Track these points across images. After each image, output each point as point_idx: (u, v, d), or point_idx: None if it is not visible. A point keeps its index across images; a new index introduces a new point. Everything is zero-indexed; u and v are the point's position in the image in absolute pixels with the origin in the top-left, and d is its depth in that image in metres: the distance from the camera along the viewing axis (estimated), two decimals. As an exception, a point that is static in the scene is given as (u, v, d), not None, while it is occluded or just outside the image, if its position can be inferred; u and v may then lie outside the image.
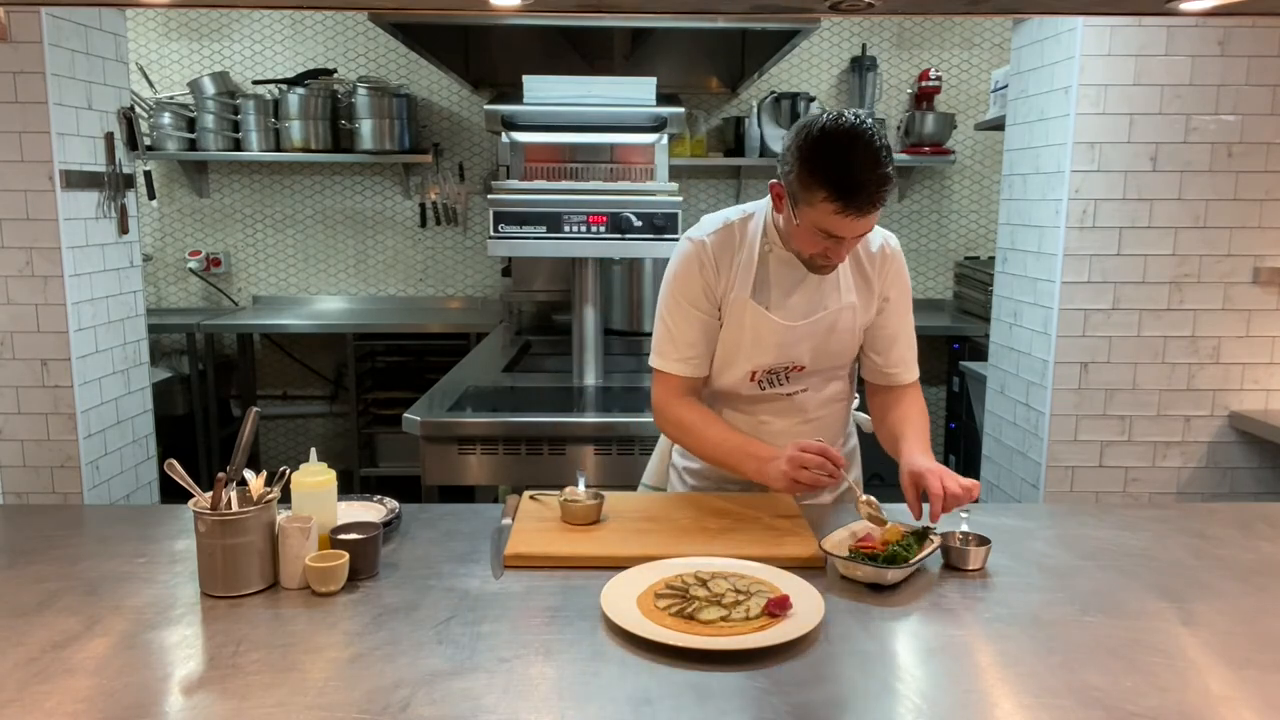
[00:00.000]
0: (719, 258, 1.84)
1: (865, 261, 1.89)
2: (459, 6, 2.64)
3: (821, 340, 1.87)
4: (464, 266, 5.31)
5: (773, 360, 1.87)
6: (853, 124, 1.62)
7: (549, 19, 3.36)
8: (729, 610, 1.35)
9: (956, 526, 1.63)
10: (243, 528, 1.44)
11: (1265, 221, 3.02)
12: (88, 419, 3.15)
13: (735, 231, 1.86)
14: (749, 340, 1.85)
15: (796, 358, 1.87)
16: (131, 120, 3.34)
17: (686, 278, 1.85)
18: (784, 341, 1.85)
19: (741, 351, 1.87)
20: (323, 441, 5.31)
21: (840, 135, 1.62)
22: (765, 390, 1.91)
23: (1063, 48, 3.03)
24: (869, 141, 1.61)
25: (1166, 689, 1.20)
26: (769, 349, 1.85)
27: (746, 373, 1.88)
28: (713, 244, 1.85)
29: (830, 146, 1.62)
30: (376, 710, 1.12)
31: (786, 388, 1.92)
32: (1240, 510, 1.97)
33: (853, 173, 1.60)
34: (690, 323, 1.86)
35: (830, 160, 1.61)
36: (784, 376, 1.90)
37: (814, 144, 1.63)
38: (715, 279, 1.85)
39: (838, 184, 1.61)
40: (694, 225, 1.91)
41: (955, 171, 5.23)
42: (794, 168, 1.66)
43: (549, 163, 3.15)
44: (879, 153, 1.61)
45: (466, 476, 2.68)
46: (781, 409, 1.94)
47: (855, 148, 1.61)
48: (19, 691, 1.17)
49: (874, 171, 1.60)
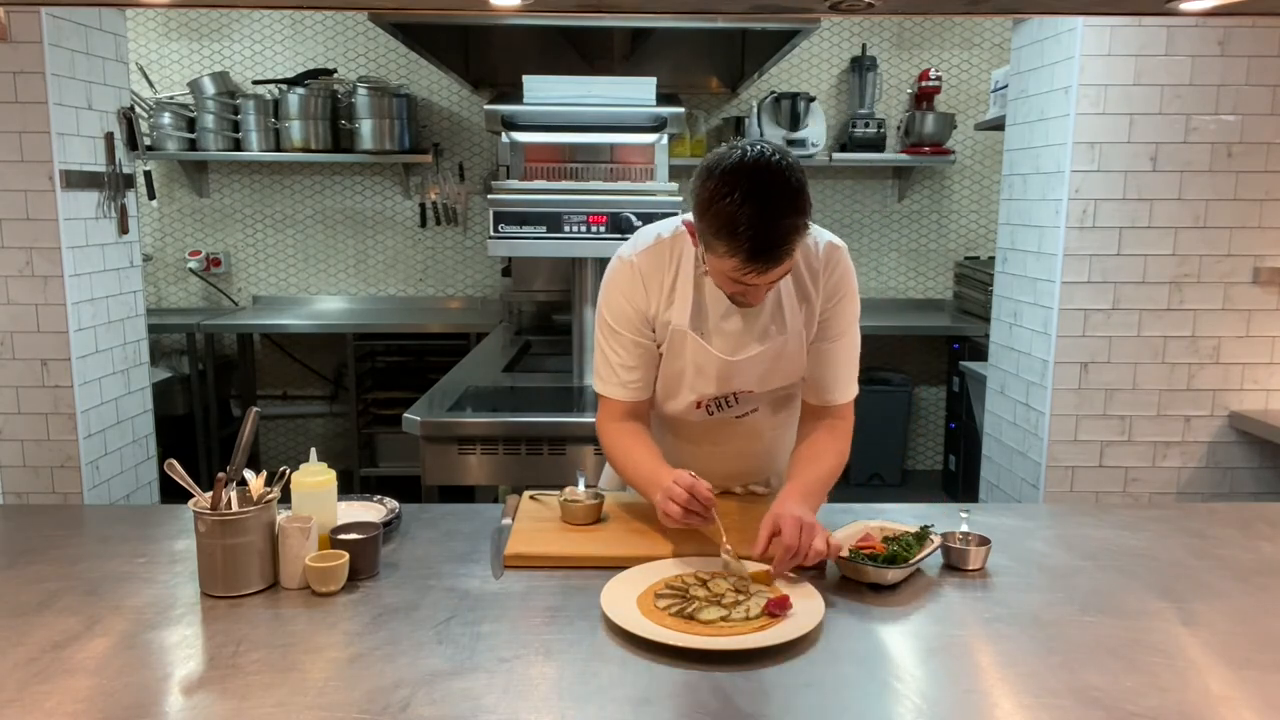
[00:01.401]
0: (648, 278, 1.70)
1: (806, 278, 1.71)
2: (459, 6, 2.64)
3: (768, 368, 1.75)
4: (464, 266, 5.31)
5: (716, 390, 1.76)
6: (756, 164, 1.46)
7: (549, 19, 3.36)
8: (729, 610, 1.35)
9: (956, 526, 1.62)
10: (243, 528, 1.44)
11: (1265, 221, 3.02)
12: (88, 419, 3.15)
13: (665, 249, 1.71)
14: (690, 371, 1.75)
15: (741, 385, 1.76)
16: (131, 120, 3.34)
17: (616, 298, 1.73)
18: (725, 373, 1.73)
19: (684, 381, 1.77)
20: (323, 441, 5.31)
21: (745, 181, 1.45)
22: (713, 415, 1.81)
23: (1063, 48, 3.03)
24: (779, 186, 1.45)
25: (1166, 689, 1.20)
26: (711, 380, 1.75)
27: (691, 401, 1.79)
28: (641, 263, 1.71)
29: (729, 195, 1.45)
30: (376, 710, 1.12)
31: (735, 410, 1.81)
32: (1240, 510, 1.97)
33: (755, 227, 1.44)
34: (624, 347, 1.74)
35: (734, 214, 1.44)
36: (731, 399, 1.79)
37: (713, 193, 1.47)
38: (645, 301, 1.71)
39: (741, 239, 1.45)
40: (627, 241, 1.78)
41: (955, 171, 5.23)
42: (696, 215, 1.53)
43: (549, 163, 3.15)
44: (789, 197, 1.46)
45: (466, 476, 2.68)
46: (733, 432, 1.85)
47: (758, 196, 1.44)
48: (19, 691, 1.17)
49: (778, 223, 1.45)
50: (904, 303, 5.34)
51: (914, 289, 5.36)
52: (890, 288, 5.35)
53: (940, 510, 1.85)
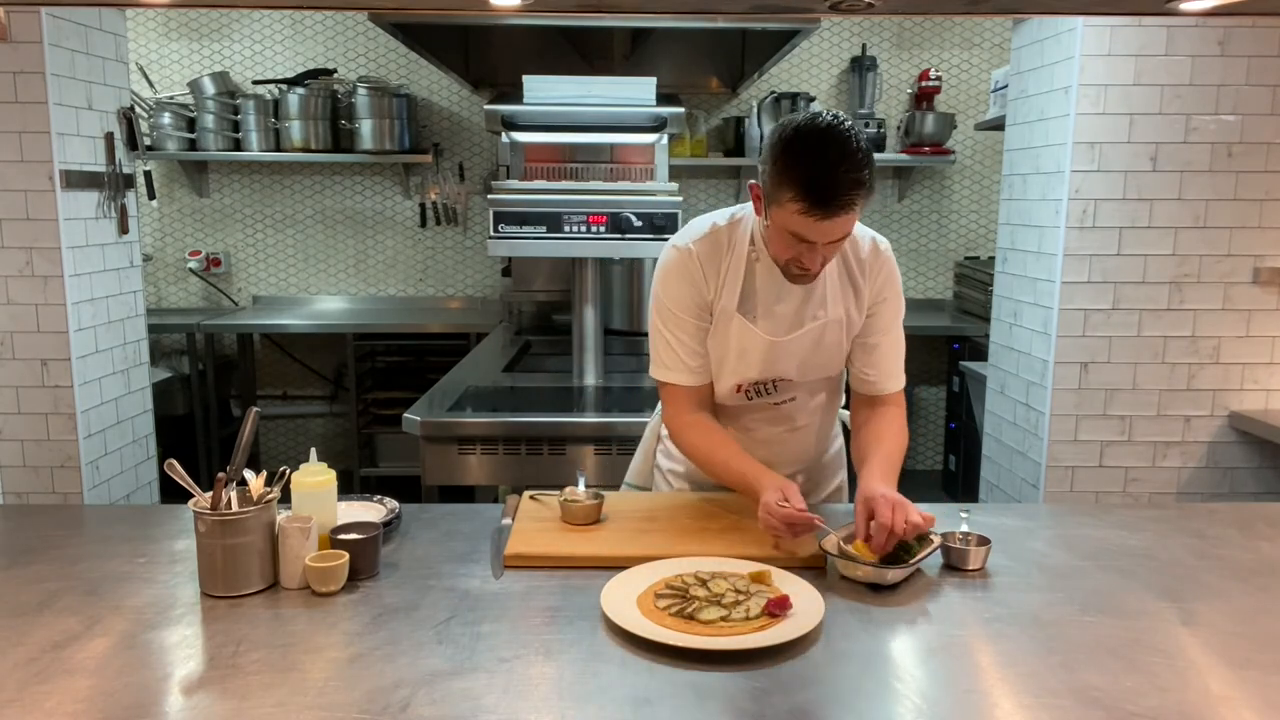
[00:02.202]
0: (706, 265, 1.79)
1: (855, 267, 1.82)
2: (459, 6, 2.64)
3: (808, 354, 1.82)
4: (464, 266, 5.31)
5: (758, 374, 1.83)
6: (829, 124, 1.57)
7: (549, 19, 3.36)
8: (729, 610, 1.35)
9: (957, 526, 1.62)
10: (243, 528, 1.44)
11: (1265, 221, 3.02)
12: (88, 419, 3.15)
13: (722, 237, 1.80)
14: (734, 354, 1.81)
15: (782, 372, 1.83)
16: (131, 120, 3.34)
17: (677, 285, 1.80)
18: (769, 356, 1.80)
19: (727, 365, 1.83)
20: (323, 441, 5.31)
21: (813, 134, 1.56)
22: (752, 400, 1.87)
23: (1063, 48, 3.03)
24: (843, 142, 1.55)
25: (1166, 689, 1.20)
26: (754, 363, 1.81)
27: (732, 385, 1.84)
28: (700, 251, 1.79)
29: (802, 145, 1.57)
30: (376, 710, 1.12)
31: (774, 397, 1.87)
32: (1240, 510, 1.97)
33: (821, 173, 1.54)
34: (687, 332, 1.81)
35: (800, 159, 1.56)
36: (771, 387, 1.85)
37: (786, 143, 1.58)
38: (705, 286, 1.79)
39: (805, 184, 1.55)
40: (679, 231, 1.86)
41: (955, 171, 5.23)
42: (768, 167, 1.62)
43: (549, 163, 3.15)
44: (853, 154, 1.55)
45: (466, 476, 2.68)
46: (769, 417, 1.90)
47: (827, 147, 1.55)
48: (19, 691, 1.17)
49: (844, 173, 1.54)
50: (904, 302, 5.33)
51: (914, 289, 5.36)
52: (890, 288, 5.34)
53: (940, 510, 1.84)
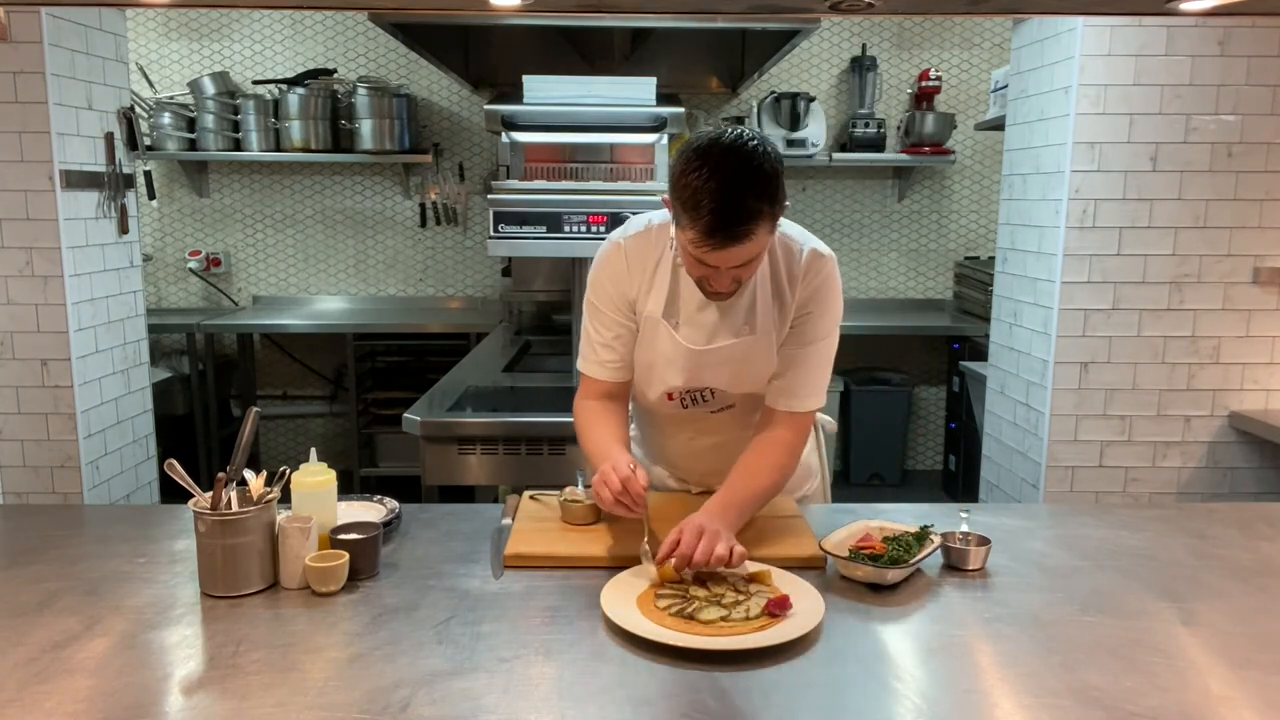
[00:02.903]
0: (633, 262, 1.73)
1: (784, 280, 1.71)
2: (459, 6, 2.64)
3: (736, 367, 1.75)
4: (464, 266, 5.31)
5: (684, 383, 1.77)
6: (729, 145, 1.48)
7: (549, 19, 3.36)
8: (729, 610, 1.35)
9: (957, 527, 1.62)
10: (243, 528, 1.44)
11: (1265, 221, 3.02)
12: (88, 419, 3.15)
13: (653, 236, 1.74)
14: (661, 361, 1.76)
15: (710, 382, 1.76)
16: (131, 120, 3.34)
17: (601, 281, 1.76)
18: (693, 365, 1.74)
19: (655, 371, 1.78)
20: (323, 441, 5.31)
21: (711, 157, 1.47)
22: (687, 409, 1.82)
23: (1063, 48, 3.03)
24: (742, 165, 1.46)
25: (1166, 689, 1.20)
26: (679, 372, 1.75)
27: (662, 393, 1.80)
28: (630, 247, 1.74)
29: (698, 169, 1.47)
30: (376, 710, 1.12)
31: (709, 406, 1.81)
32: (1240, 510, 1.97)
33: (717, 201, 1.45)
34: (605, 326, 1.77)
35: (695, 185, 1.47)
36: (702, 396, 1.79)
37: (685, 165, 1.49)
38: (629, 283, 1.74)
39: (699, 211, 1.47)
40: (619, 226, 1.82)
41: (955, 171, 5.22)
42: (669, 188, 1.55)
43: (549, 163, 3.14)
44: (752, 178, 1.46)
45: (466, 476, 2.68)
46: (708, 427, 1.85)
47: (724, 172, 1.46)
48: (19, 691, 1.17)
49: (740, 201, 1.45)
50: (904, 303, 5.34)
51: (914, 289, 5.36)
52: (890, 288, 5.35)
53: (940, 510, 1.85)
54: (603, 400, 1.81)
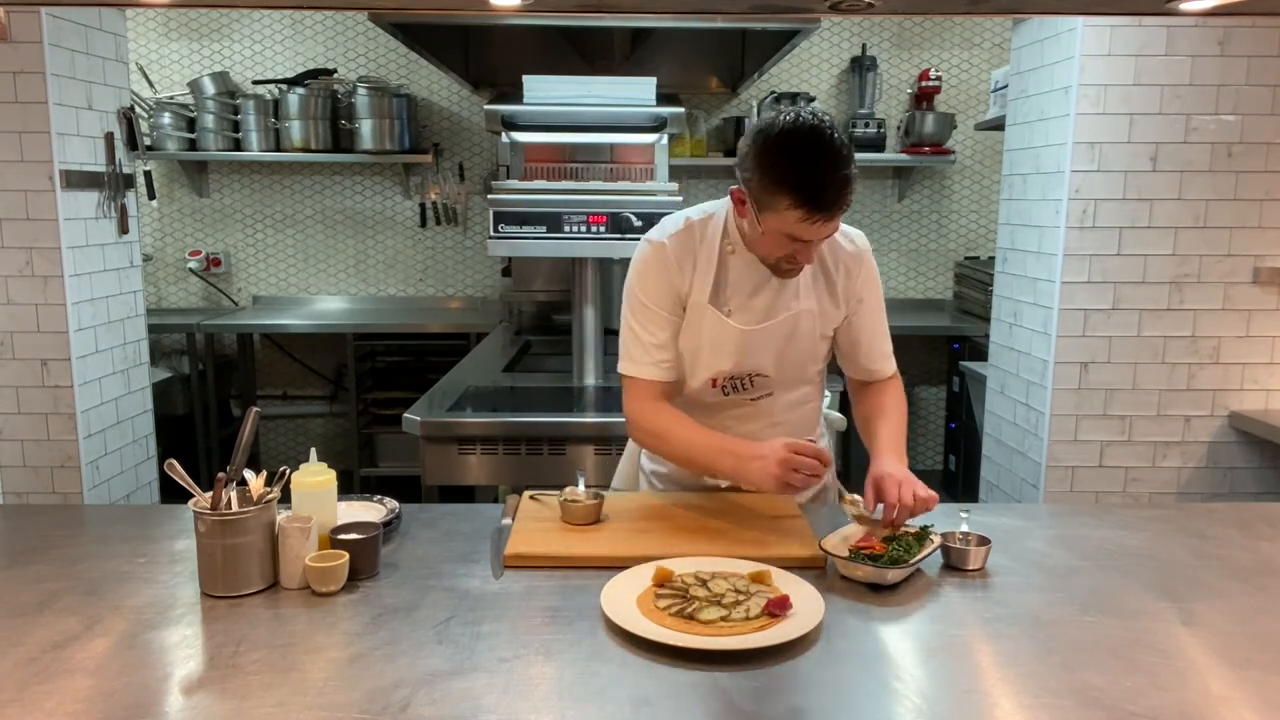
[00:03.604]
0: (680, 258, 1.80)
1: (830, 263, 1.83)
2: (459, 6, 2.64)
3: (782, 346, 1.82)
4: (464, 266, 5.31)
5: (732, 367, 1.82)
6: (812, 124, 1.57)
7: (549, 19, 3.36)
8: (729, 610, 1.35)
9: (957, 527, 1.62)
10: (243, 528, 1.44)
11: (1265, 221, 3.02)
12: (88, 419, 3.15)
13: (695, 231, 1.81)
14: (707, 346, 1.81)
15: (757, 365, 1.83)
16: (131, 120, 3.34)
17: (650, 279, 1.81)
18: (742, 347, 1.80)
19: (701, 358, 1.82)
20: (323, 441, 5.31)
21: (800, 137, 1.57)
22: (729, 396, 1.87)
23: (1063, 48, 3.03)
24: (829, 142, 1.56)
25: (1166, 689, 1.20)
26: (727, 355, 1.81)
27: (707, 379, 1.84)
28: (673, 245, 1.80)
29: (791, 149, 1.57)
30: (376, 710, 1.12)
31: (750, 393, 1.87)
32: (1240, 510, 1.97)
33: (816, 176, 1.55)
34: (659, 325, 1.81)
35: (792, 164, 1.57)
36: (747, 382, 1.85)
37: (774, 148, 1.59)
38: (679, 279, 1.80)
39: (802, 188, 1.56)
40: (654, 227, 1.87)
41: (955, 171, 5.23)
42: (755, 174, 1.62)
43: (549, 163, 3.15)
44: (839, 151, 1.56)
45: (466, 476, 2.68)
46: (746, 414, 1.90)
47: (816, 149, 1.56)
48: (19, 691, 1.17)
49: (837, 172, 1.55)
50: (904, 303, 5.34)
51: (914, 289, 5.36)
52: (890, 288, 5.35)
53: (940, 510, 1.84)
54: (661, 401, 1.85)
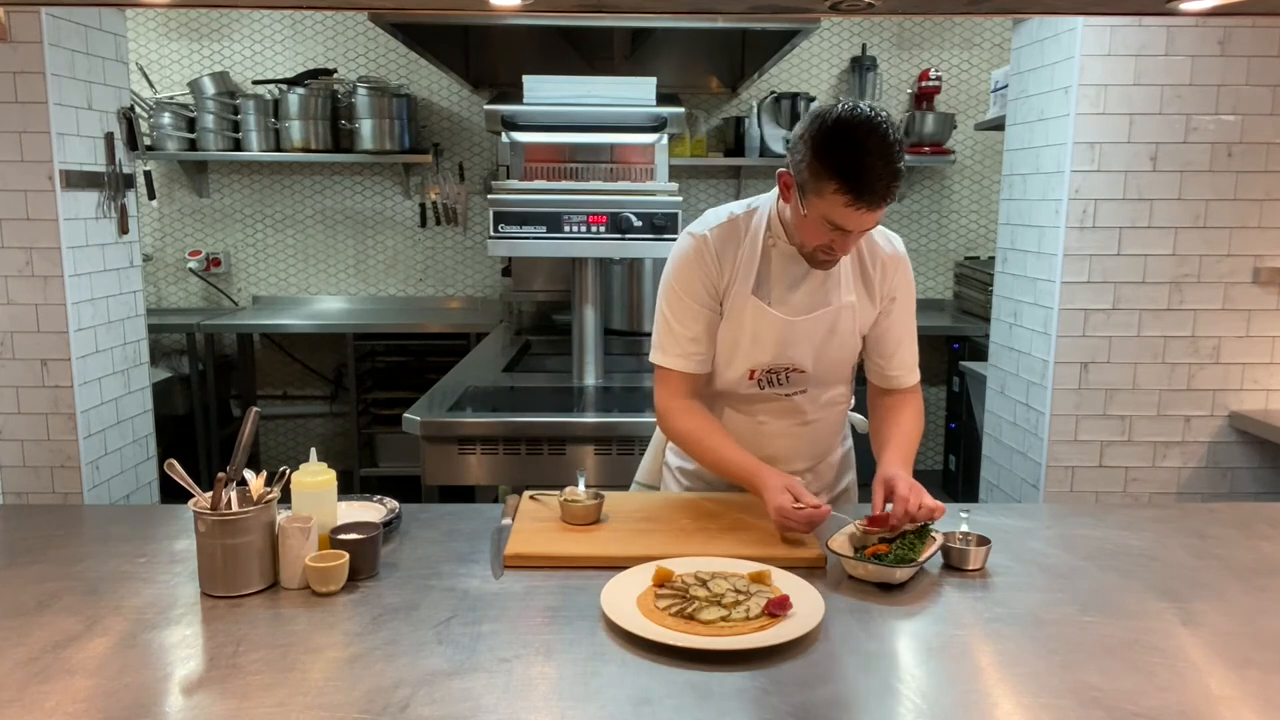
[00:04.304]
0: (721, 252, 1.82)
1: (869, 262, 1.86)
2: (459, 6, 2.64)
3: (822, 341, 1.85)
4: (464, 266, 5.31)
5: (771, 359, 1.85)
6: (868, 116, 1.60)
7: (549, 19, 3.36)
8: (729, 610, 1.35)
9: (957, 527, 1.62)
10: (243, 528, 1.44)
11: (1265, 221, 3.02)
12: (88, 419, 3.15)
13: (740, 225, 1.84)
14: (748, 337, 1.83)
15: (796, 359, 1.85)
16: (131, 120, 3.34)
17: (688, 271, 1.83)
18: (783, 339, 1.82)
19: (740, 349, 1.85)
20: (323, 441, 5.31)
21: (855, 126, 1.59)
22: (764, 389, 1.89)
23: (1063, 48, 3.03)
24: (883, 134, 1.58)
25: (1166, 689, 1.20)
26: (768, 346, 1.83)
27: (745, 371, 1.87)
28: (715, 238, 1.83)
29: (844, 137, 1.59)
30: (376, 710, 1.12)
31: (785, 388, 1.89)
32: (1240, 510, 1.97)
33: (866, 165, 1.58)
34: (693, 317, 1.84)
35: (844, 151, 1.59)
36: (783, 377, 1.88)
37: (828, 134, 1.61)
38: (718, 273, 1.82)
39: (850, 175, 1.58)
40: (695, 220, 1.89)
41: (955, 171, 5.23)
42: (805, 157, 1.64)
43: (549, 163, 3.15)
44: (892, 146, 1.59)
45: (466, 476, 2.68)
46: (779, 409, 1.92)
47: (870, 140, 1.58)
48: (19, 691, 1.17)
49: (887, 165, 1.58)
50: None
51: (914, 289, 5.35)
52: (890, 288, 5.34)
53: (940, 510, 1.85)
54: (691, 400, 1.89)
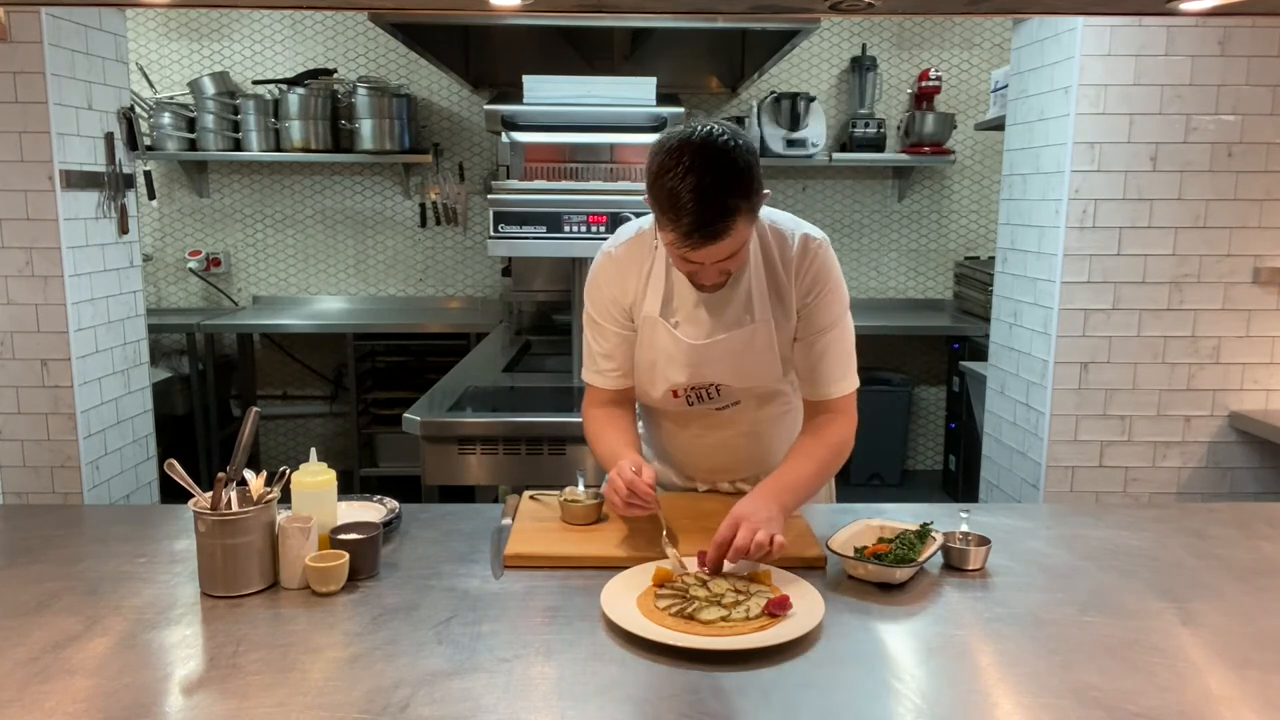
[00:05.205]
0: (625, 270, 1.75)
1: (779, 268, 1.71)
2: (459, 6, 2.64)
3: (737, 360, 1.74)
4: (464, 266, 5.31)
5: (687, 379, 1.76)
6: (701, 141, 1.47)
7: (549, 19, 3.36)
8: (729, 610, 1.35)
9: (957, 527, 1.62)
10: (243, 528, 1.44)
11: (1265, 221, 3.02)
12: (88, 419, 3.15)
13: (647, 240, 1.75)
14: (661, 359, 1.76)
15: (713, 377, 1.76)
16: (131, 120, 3.34)
17: (595, 290, 1.79)
18: (695, 361, 1.74)
19: (657, 369, 1.78)
20: (323, 441, 5.31)
21: (685, 155, 1.46)
22: (693, 406, 1.81)
23: (1063, 48, 3.03)
24: (714, 163, 1.46)
25: (1166, 689, 1.20)
26: (681, 368, 1.75)
27: (667, 390, 1.79)
28: (620, 255, 1.76)
29: (671, 170, 1.47)
30: (376, 710, 1.12)
31: (715, 403, 1.80)
32: (1240, 510, 1.97)
33: (691, 201, 1.45)
34: (604, 335, 1.80)
35: (669, 186, 1.47)
36: (709, 392, 1.78)
37: (658, 166, 1.50)
38: (621, 292, 1.76)
39: (675, 212, 1.47)
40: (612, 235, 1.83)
41: (955, 171, 5.23)
42: (646, 189, 1.55)
43: (549, 163, 3.15)
44: (726, 175, 1.46)
45: (466, 476, 2.68)
46: (715, 422, 1.84)
47: (698, 171, 1.45)
48: (19, 691, 1.17)
49: (716, 199, 1.45)
50: (904, 303, 5.34)
51: (914, 289, 5.36)
52: (890, 288, 5.35)
53: (940, 510, 1.85)
54: (608, 407, 1.85)
